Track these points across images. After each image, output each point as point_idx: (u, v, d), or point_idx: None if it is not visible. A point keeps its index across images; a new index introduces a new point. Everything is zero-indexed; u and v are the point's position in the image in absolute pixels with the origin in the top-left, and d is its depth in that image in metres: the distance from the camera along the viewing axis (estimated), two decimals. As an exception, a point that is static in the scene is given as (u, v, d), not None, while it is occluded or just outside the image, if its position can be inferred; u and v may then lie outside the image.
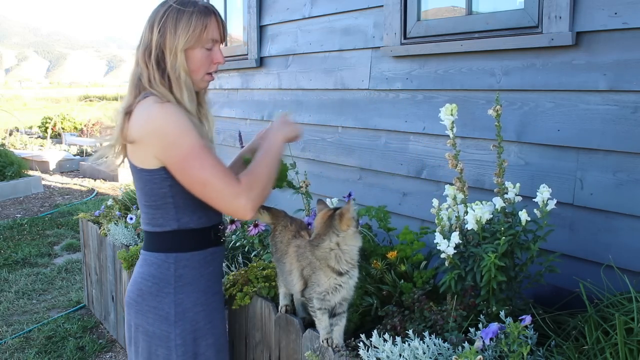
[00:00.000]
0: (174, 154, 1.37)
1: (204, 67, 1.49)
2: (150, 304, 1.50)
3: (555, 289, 1.77)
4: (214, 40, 1.49)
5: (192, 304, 1.52)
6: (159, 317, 1.49)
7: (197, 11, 1.45)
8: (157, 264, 1.51)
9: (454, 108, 1.61)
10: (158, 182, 1.44)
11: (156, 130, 1.38)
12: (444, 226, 1.61)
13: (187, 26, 1.43)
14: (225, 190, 1.37)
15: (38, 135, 12.93)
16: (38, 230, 5.85)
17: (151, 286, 1.50)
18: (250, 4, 3.46)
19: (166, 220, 1.49)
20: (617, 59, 1.71)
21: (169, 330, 1.49)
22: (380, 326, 1.57)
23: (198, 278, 1.54)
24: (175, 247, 1.50)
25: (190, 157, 1.37)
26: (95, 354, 3.14)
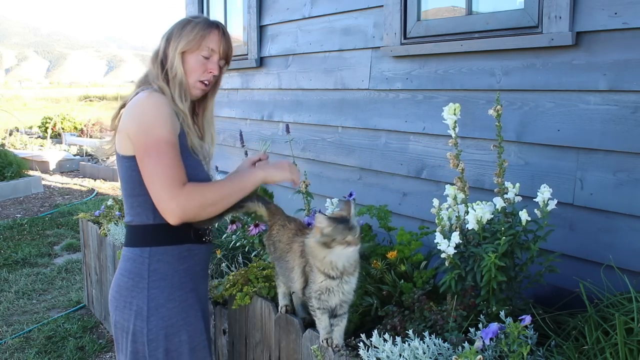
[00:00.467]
0: (141, 141, 1.42)
1: (197, 73, 1.56)
2: (127, 299, 1.52)
3: (555, 289, 1.77)
4: (211, 50, 1.57)
5: (165, 300, 1.52)
6: (133, 313, 1.50)
7: (203, 22, 1.57)
8: (133, 259, 1.53)
9: (457, 108, 1.61)
10: (136, 170, 1.46)
11: (135, 115, 1.45)
12: (444, 226, 1.61)
13: (189, 32, 1.54)
14: (164, 189, 1.40)
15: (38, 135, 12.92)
16: (38, 230, 5.85)
17: (127, 281, 1.52)
18: (250, 4, 3.46)
19: (144, 210, 1.51)
20: (617, 59, 1.71)
21: (142, 326, 1.50)
22: (380, 326, 1.57)
23: (172, 273, 1.54)
24: (151, 241, 1.52)
25: (152, 149, 1.41)
26: (95, 354, 3.14)
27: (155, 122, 1.43)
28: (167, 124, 1.43)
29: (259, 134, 3.48)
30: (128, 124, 1.46)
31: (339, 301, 1.54)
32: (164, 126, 1.43)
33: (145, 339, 1.49)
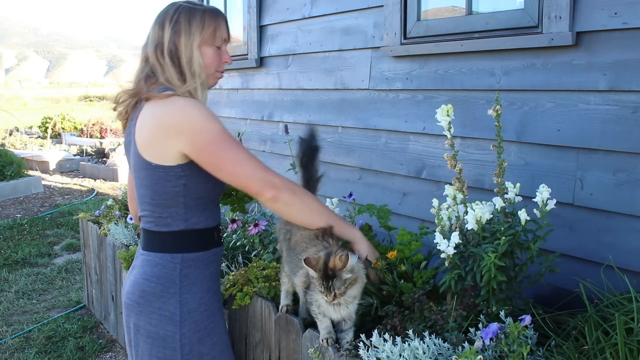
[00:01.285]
0: (202, 138, 1.39)
1: (215, 65, 1.55)
2: (154, 304, 1.49)
3: (555, 289, 1.77)
4: (223, 40, 1.56)
5: (196, 304, 1.52)
6: (163, 318, 1.48)
7: (209, 11, 1.53)
8: (161, 265, 1.50)
9: (450, 109, 1.61)
10: (172, 180, 1.43)
11: (183, 121, 1.40)
12: (444, 226, 1.61)
13: (200, 24, 1.49)
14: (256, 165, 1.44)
15: (38, 135, 12.93)
16: (38, 230, 5.85)
17: (155, 287, 1.49)
18: (250, 4, 3.46)
19: (174, 220, 1.48)
20: (617, 59, 1.71)
21: (174, 331, 1.48)
22: (380, 326, 1.57)
23: (202, 278, 1.54)
24: (182, 247, 1.50)
25: (220, 139, 1.40)
26: (95, 354, 3.14)
27: (206, 119, 1.41)
28: (216, 118, 1.44)
29: (259, 134, 3.48)
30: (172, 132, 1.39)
31: (339, 318, 1.52)
32: (216, 119, 1.43)
33: (178, 344, 1.48)
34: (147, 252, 1.54)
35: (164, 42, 1.48)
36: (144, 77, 1.49)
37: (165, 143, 1.41)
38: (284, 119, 3.25)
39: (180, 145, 1.40)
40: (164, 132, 1.41)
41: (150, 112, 1.43)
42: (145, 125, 1.44)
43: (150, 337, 1.50)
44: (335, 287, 1.40)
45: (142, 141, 1.44)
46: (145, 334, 1.51)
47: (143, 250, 1.56)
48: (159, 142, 1.42)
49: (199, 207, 1.50)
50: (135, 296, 1.52)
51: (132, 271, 1.59)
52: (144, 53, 1.53)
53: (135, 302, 1.52)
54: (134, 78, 1.52)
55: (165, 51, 1.48)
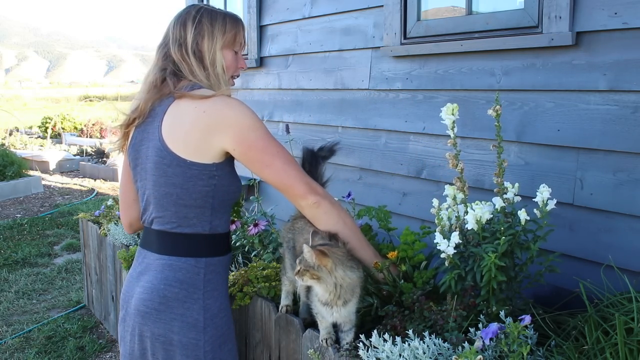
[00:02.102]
0: (253, 135, 1.42)
1: (232, 69, 1.58)
2: (177, 311, 1.44)
3: (555, 289, 1.77)
4: (242, 45, 1.58)
5: (218, 310, 1.50)
6: (186, 325, 1.44)
7: (230, 16, 1.55)
8: (185, 269, 1.46)
9: (455, 108, 1.61)
10: (205, 179, 1.42)
11: (233, 117, 1.41)
12: (444, 226, 1.61)
13: (222, 27, 1.51)
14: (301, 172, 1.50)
15: (38, 135, 12.93)
16: (38, 230, 5.85)
17: (178, 292, 1.44)
18: (250, 4, 3.46)
19: (200, 221, 1.46)
20: (617, 59, 1.71)
21: (197, 338, 1.45)
22: (380, 326, 1.57)
23: (222, 283, 1.54)
24: (207, 251, 1.48)
25: (269, 137, 1.45)
26: (95, 354, 3.14)
27: (255, 118, 1.44)
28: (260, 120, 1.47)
29: (259, 134, 3.48)
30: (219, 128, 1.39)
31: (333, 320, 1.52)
32: (261, 122, 1.46)
33: (202, 351, 1.45)
34: (167, 256, 1.47)
35: (187, 42, 1.48)
36: (169, 75, 1.47)
37: (207, 139, 1.40)
38: (284, 119, 3.25)
39: (227, 140, 1.40)
40: (208, 128, 1.40)
41: (191, 109, 1.41)
42: (181, 120, 1.41)
43: (172, 344, 1.44)
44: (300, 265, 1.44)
45: (176, 137, 1.41)
46: (165, 342, 1.44)
47: (160, 255, 1.49)
48: (200, 138, 1.40)
49: (222, 209, 1.50)
50: (154, 303, 1.44)
51: (142, 277, 1.51)
52: (162, 52, 1.51)
53: (154, 309, 1.44)
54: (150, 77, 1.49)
55: (190, 50, 1.47)
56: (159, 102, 1.47)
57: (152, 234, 1.52)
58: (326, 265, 1.42)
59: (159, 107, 1.46)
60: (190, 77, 1.47)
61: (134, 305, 1.49)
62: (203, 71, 1.48)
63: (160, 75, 1.48)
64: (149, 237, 1.54)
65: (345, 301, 1.48)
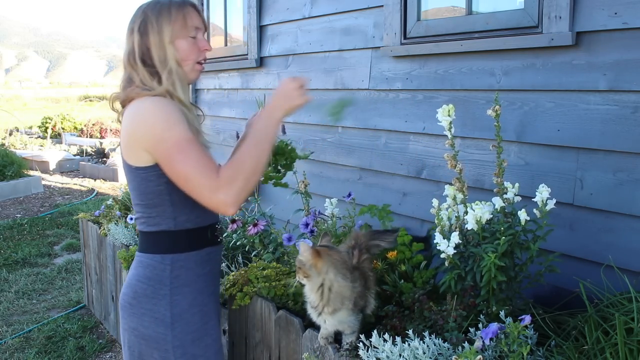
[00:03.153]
0: (161, 148, 1.37)
1: (193, 56, 1.51)
2: (145, 306, 1.48)
3: (555, 289, 1.77)
4: (197, 28, 1.51)
5: (188, 306, 1.51)
6: (154, 320, 1.48)
7: (175, 3, 1.49)
8: (152, 266, 1.49)
9: (451, 109, 1.61)
10: (154, 180, 1.43)
11: (146, 125, 1.39)
12: (444, 226, 1.61)
13: (168, 18, 1.46)
14: (205, 184, 1.34)
15: (38, 135, 12.93)
16: (38, 230, 5.85)
17: (146, 288, 1.49)
18: (250, 4, 3.46)
19: (162, 219, 1.48)
20: (617, 59, 1.71)
21: (165, 333, 1.47)
22: (380, 326, 1.57)
23: (195, 279, 1.53)
24: (172, 247, 1.49)
25: (175, 151, 1.36)
26: (95, 354, 3.14)
27: (167, 126, 1.37)
28: (179, 123, 1.38)
29: (259, 134, 3.47)
30: (139, 135, 1.40)
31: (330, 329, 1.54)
32: (178, 125, 1.38)
33: (170, 345, 1.47)
34: (140, 253, 1.54)
35: (134, 48, 1.47)
36: (124, 84, 1.50)
37: (136, 146, 1.42)
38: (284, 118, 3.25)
39: (146, 147, 1.40)
40: (133, 134, 1.42)
41: (126, 117, 1.45)
42: (123, 129, 1.45)
43: (144, 338, 1.49)
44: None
45: (123, 145, 1.46)
46: (139, 335, 1.50)
47: (137, 252, 1.56)
48: (132, 146, 1.43)
49: (187, 205, 1.46)
50: (128, 297, 1.51)
51: (129, 272, 1.60)
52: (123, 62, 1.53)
53: (128, 303, 1.51)
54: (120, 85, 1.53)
55: (137, 56, 1.46)
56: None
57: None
58: (317, 265, 1.44)
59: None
60: (139, 84, 1.46)
61: (119, 299, 1.58)
62: (151, 74, 1.46)
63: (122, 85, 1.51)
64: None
65: (334, 310, 1.48)
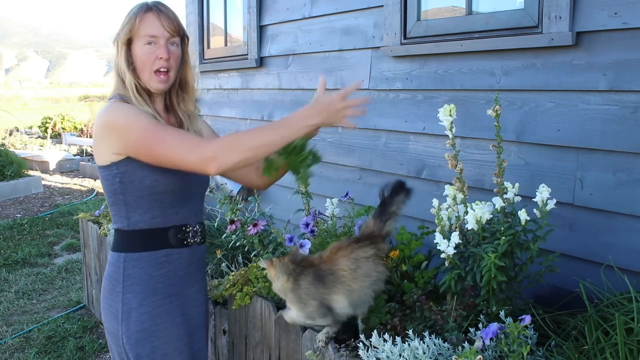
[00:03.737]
0: (132, 140, 1.41)
1: (148, 64, 1.47)
2: (107, 302, 1.55)
3: (555, 289, 1.77)
4: (151, 36, 1.47)
5: (137, 305, 1.51)
6: (111, 315, 1.53)
7: (135, 8, 1.50)
8: (112, 263, 1.56)
9: (453, 108, 1.61)
10: (110, 179, 1.48)
11: (107, 124, 1.45)
12: (444, 226, 1.61)
13: (123, 22, 1.50)
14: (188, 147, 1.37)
15: (38, 135, 12.92)
16: (38, 230, 5.84)
17: (107, 284, 1.55)
18: (250, 4, 3.46)
19: (119, 217, 1.53)
20: (617, 59, 1.71)
21: (117, 328, 1.52)
22: (381, 326, 1.57)
23: (147, 279, 1.52)
24: (125, 246, 1.53)
25: (147, 136, 1.39)
26: (95, 354, 3.14)
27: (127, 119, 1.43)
28: (140, 115, 1.43)
29: (259, 134, 3.47)
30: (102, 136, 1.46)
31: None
32: (139, 117, 1.42)
33: (122, 341, 1.51)
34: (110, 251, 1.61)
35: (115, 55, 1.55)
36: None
37: (100, 146, 1.47)
38: (284, 119, 3.25)
39: (111, 146, 1.45)
40: (98, 136, 1.48)
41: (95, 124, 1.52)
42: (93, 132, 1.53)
43: (108, 332, 1.56)
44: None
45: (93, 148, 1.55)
46: (105, 330, 1.58)
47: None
48: (97, 146, 1.49)
49: (141, 205, 1.48)
50: (100, 293, 1.59)
51: None
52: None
53: (100, 299, 1.59)
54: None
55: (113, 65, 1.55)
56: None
57: None
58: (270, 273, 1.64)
59: None
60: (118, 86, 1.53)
61: None
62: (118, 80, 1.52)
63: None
64: None
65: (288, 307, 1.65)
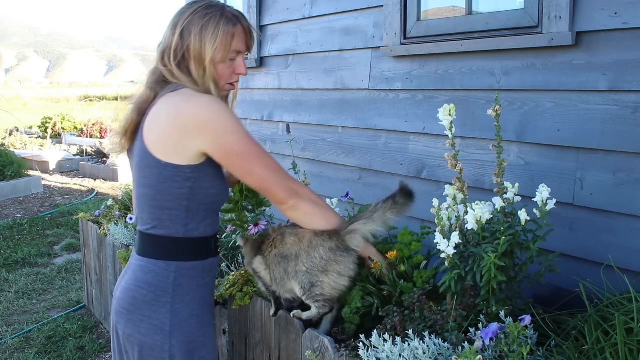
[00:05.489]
0: (232, 141, 1.37)
1: (225, 79, 1.47)
2: (145, 313, 1.44)
3: (555, 289, 1.77)
4: (238, 52, 1.46)
5: (188, 315, 1.47)
6: (153, 328, 1.44)
7: (225, 19, 1.41)
8: (155, 272, 1.45)
9: (452, 108, 1.61)
10: (179, 181, 1.38)
11: (210, 121, 1.35)
12: (444, 226, 1.61)
13: (213, 36, 1.39)
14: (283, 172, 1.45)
15: (38, 135, 12.92)
16: (38, 230, 5.85)
17: (146, 294, 1.44)
18: (250, 4, 3.46)
19: (173, 223, 1.43)
20: (617, 59, 1.71)
21: (163, 342, 1.44)
22: (380, 326, 1.57)
23: (196, 288, 1.50)
24: (179, 255, 1.45)
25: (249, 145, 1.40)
26: (95, 354, 3.14)
27: (233, 120, 1.38)
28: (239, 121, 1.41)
29: (259, 134, 3.48)
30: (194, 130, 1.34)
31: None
32: (239, 122, 1.39)
33: (168, 354, 1.44)
34: (142, 257, 1.49)
35: (171, 48, 1.41)
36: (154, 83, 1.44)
37: (182, 140, 1.36)
38: (284, 119, 3.25)
39: (203, 144, 1.36)
40: (184, 129, 1.35)
41: (167, 108, 1.38)
42: (159, 121, 1.38)
43: (140, 345, 1.45)
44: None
45: (154, 138, 1.39)
46: (135, 342, 1.46)
47: (138, 255, 1.51)
48: (175, 139, 1.36)
49: (200, 213, 1.45)
50: (125, 303, 1.46)
51: (124, 277, 1.54)
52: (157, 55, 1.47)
53: (125, 309, 1.46)
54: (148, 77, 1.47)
55: (172, 57, 1.41)
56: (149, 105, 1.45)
57: (137, 234, 1.54)
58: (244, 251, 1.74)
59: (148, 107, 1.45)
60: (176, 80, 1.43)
61: (114, 304, 1.52)
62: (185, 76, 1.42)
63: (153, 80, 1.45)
64: (136, 237, 1.55)
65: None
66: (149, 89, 1.45)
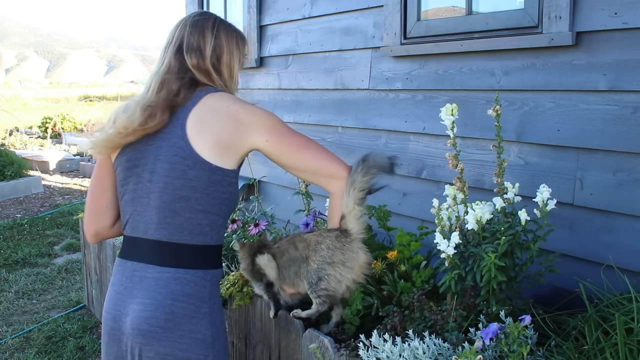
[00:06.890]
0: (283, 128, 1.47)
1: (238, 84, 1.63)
2: (185, 327, 1.34)
3: (555, 289, 1.77)
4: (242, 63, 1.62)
5: (220, 323, 1.44)
6: (195, 342, 1.35)
7: (240, 35, 1.56)
8: (193, 282, 1.36)
9: (455, 108, 1.61)
10: (225, 185, 1.37)
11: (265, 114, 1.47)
12: (444, 226, 1.61)
13: (237, 48, 1.53)
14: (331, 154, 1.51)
15: (38, 135, 12.92)
16: (38, 230, 5.84)
17: (186, 307, 1.34)
18: (250, 4, 3.46)
19: (212, 229, 1.39)
20: (617, 59, 1.71)
21: (206, 354, 1.36)
22: (380, 326, 1.57)
23: (219, 296, 1.48)
24: (211, 263, 1.41)
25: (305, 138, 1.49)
26: (95, 354, 3.13)
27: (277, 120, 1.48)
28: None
29: (259, 134, 3.48)
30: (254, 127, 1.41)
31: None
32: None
33: None
34: (173, 268, 1.36)
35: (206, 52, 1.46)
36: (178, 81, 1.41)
37: (240, 137, 1.40)
38: (284, 118, 3.22)
39: (259, 134, 1.42)
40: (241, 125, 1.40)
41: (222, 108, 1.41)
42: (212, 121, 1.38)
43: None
44: None
45: (204, 139, 1.35)
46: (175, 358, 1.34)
47: (163, 267, 1.36)
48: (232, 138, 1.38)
49: (226, 220, 1.46)
50: (160, 320, 1.33)
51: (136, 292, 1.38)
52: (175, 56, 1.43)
53: (160, 327, 1.33)
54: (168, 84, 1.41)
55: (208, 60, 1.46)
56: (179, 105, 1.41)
57: (148, 245, 1.38)
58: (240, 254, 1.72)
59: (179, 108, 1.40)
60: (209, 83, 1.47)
61: (131, 325, 1.35)
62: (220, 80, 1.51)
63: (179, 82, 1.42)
64: (140, 247, 1.40)
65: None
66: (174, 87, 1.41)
